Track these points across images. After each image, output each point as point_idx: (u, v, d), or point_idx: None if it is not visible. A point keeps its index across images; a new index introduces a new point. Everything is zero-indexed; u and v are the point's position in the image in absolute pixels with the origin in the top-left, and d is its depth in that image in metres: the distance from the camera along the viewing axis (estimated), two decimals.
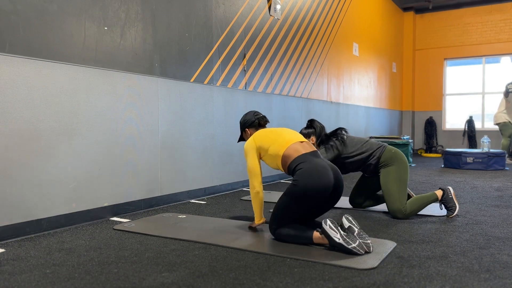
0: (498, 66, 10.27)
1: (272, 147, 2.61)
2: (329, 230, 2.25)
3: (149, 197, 3.59)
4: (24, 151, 2.66)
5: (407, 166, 3.22)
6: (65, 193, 2.92)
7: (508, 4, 9.96)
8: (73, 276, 1.96)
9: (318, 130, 3.36)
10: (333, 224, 2.26)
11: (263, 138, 2.68)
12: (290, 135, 2.66)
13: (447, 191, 3.18)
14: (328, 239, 2.27)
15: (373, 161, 3.23)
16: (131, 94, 3.40)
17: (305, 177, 2.39)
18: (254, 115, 2.91)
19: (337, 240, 2.22)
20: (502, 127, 7.91)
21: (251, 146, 2.69)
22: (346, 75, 7.56)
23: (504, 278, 1.93)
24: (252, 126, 2.90)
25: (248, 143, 2.72)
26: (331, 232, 2.24)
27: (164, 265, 2.11)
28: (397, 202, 3.13)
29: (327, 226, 2.26)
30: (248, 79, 4.88)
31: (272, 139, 2.64)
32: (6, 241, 2.56)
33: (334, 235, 2.23)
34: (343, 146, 3.27)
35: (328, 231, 2.25)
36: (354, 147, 3.27)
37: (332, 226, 2.25)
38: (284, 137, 2.63)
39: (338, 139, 3.29)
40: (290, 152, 2.55)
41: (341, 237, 2.22)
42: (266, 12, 5.18)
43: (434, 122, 10.73)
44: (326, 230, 2.26)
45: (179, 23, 3.89)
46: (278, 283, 1.87)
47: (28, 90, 2.68)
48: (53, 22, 2.83)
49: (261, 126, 2.93)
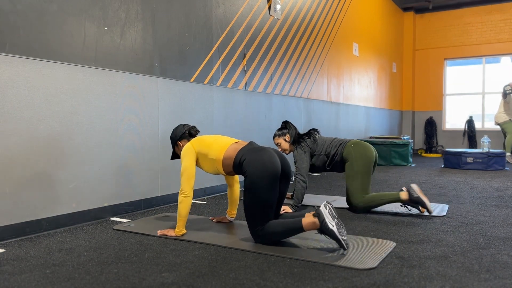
0: (498, 66, 10.28)
1: (211, 152, 2.60)
2: (326, 214, 2.21)
3: (149, 197, 3.59)
4: (24, 151, 2.66)
5: (366, 159, 3.33)
6: (65, 193, 2.92)
7: (508, 4, 9.96)
8: (73, 276, 1.96)
9: (292, 131, 3.59)
10: (333, 210, 2.25)
11: (201, 143, 2.66)
12: (225, 139, 2.67)
13: (410, 191, 3.19)
14: (321, 223, 2.21)
15: (338, 158, 3.44)
16: (131, 94, 3.40)
17: (252, 162, 2.40)
18: (184, 127, 2.87)
19: (331, 226, 2.19)
20: (504, 125, 7.93)
21: (190, 150, 2.64)
22: (346, 75, 7.57)
23: (504, 278, 1.93)
24: (184, 137, 2.84)
25: (186, 147, 2.66)
26: (328, 217, 2.21)
27: (164, 265, 2.11)
28: (352, 197, 3.34)
29: (326, 210, 2.22)
30: (248, 79, 4.88)
31: (209, 143, 2.64)
32: (6, 241, 2.56)
33: (329, 221, 2.20)
34: (314, 144, 3.51)
35: (324, 214, 2.21)
36: (323, 146, 3.50)
37: (332, 211, 2.24)
38: (220, 142, 2.64)
39: (310, 138, 3.54)
40: (230, 153, 2.56)
41: (336, 225, 2.20)
42: (266, 12, 5.18)
43: (434, 122, 10.73)
44: (323, 213, 2.22)
45: (179, 23, 3.89)
46: (278, 283, 1.87)
47: (28, 90, 2.68)
48: (53, 22, 2.83)
49: (193, 137, 2.86)
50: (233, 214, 3.01)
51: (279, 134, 3.62)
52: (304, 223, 2.28)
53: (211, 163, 2.61)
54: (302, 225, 2.29)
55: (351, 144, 3.41)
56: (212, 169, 2.64)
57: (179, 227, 2.61)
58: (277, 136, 3.63)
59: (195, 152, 2.64)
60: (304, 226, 2.29)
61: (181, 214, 2.58)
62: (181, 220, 2.60)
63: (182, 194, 2.57)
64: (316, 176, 5.97)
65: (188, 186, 2.58)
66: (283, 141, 3.60)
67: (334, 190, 4.57)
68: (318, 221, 2.23)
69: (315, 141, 3.52)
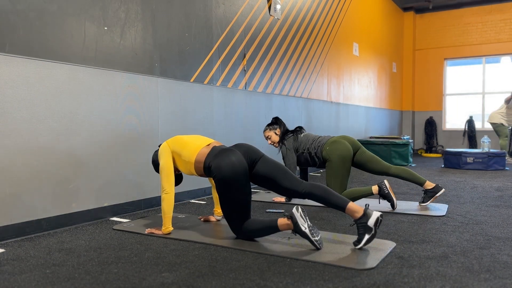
0: (498, 66, 10.28)
1: (184, 153, 2.64)
2: (298, 217, 2.31)
3: (149, 197, 3.59)
4: (24, 151, 2.66)
5: (342, 158, 3.49)
6: (65, 193, 2.92)
7: (508, 4, 9.96)
8: (73, 276, 1.96)
9: (282, 126, 3.82)
10: (304, 213, 2.33)
11: (176, 143, 2.70)
12: (199, 141, 2.69)
13: (382, 186, 3.38)
14: (294, 225, 2.31)
15: (318, 154, 3.61)
16: (131, 94, 3.40)
17: (217, 167, 2.43)
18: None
19: (303, 228, 2.29)
20: (497, 128, 7.90)
21: (165, 149, 2.70)
22: (346, 75, 7.57)
23: (504, 278, 1.93)
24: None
25: (162, 146, 2.72)
26: (300, 220, 2.30)
27: (164, 265, 2.11)
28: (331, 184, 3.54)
29: (298, 214, 2.31)
30: (248, 79, 4.88)
31: (184, 144, 2.67)
32: (6, 241, 2.56)
33: (302, 223, 2.30)
34: (295, 142, 3.69)
35: (297, 218, 2.31)
36: (306, 143, 3.67)
37: (303, 214, 2.32)
38: (193, 144, 2.66)
39: (294, 135, 3.73)
40: (200, 157, 2.59)
41: (308, 227, 2.30)
42: (266, 12, 5.18)
43: (434, 122, 10.73)
44: (295, 216, 2.31)
45: (179, 23, 3.89)
46: (278, 283, 1.87)
47: (28, 90, 2.68)
48: (53, 22, 2.83)
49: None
50: (220, 213, 3.07)
51: (270, 128, 3.82)
52: (279, 223, 2.38)
53: (185, 164, 2.66)
54: (277, 224, 2.39)
55: (327, 145, 3.57)
56: (187, 171, 2.68)
57: (165, 224, 2.66)
58: (268, 130, 3.83)
59: (170, 150, 2.70)
60: (279, 226, 2.38)
61: (165, 211, 2.63)
62: (166, 217, 2.65)
63: (163, 192, 2.63)
64: (316, 176, 5.97)
65: (168, 183, 2.63)
66: (273, 134, 3.80)
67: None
68: (292, 223, 2.33)
69: (296, 140, 3.71)
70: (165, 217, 2.64)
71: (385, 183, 3.37)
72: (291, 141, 3.69)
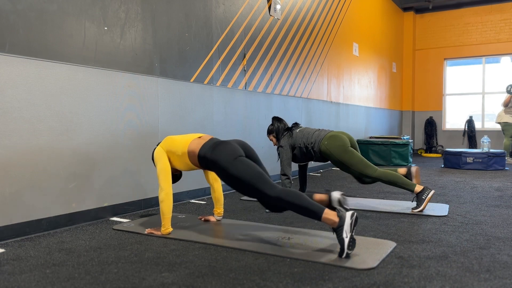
0: (498, 66, 10.28)
1: (176, 148, 2.70)
2: (347, 224, 2.17)
3: (149, 197, 3.59)
4: (24, 151, 2.66)
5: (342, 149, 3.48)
6: (65, 193, 2.92)
7: (508, 4, 9.96)
8: (73, 276, 1.96)
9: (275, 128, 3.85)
10: (355, 223, 2.21)
11: (168, 142, 2.76)
12: (190, 135, 2.78)
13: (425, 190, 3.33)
14: (337, 228, 2.18)
15: (316, 148, 3.61)
16: (131, 94, 3.40)
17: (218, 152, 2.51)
18: None
19: (344, 236, 2.16)
20: (505, 127, 7.87)
21: (160, 152, 2.74)
22: (346, 75, 7.56)
23: (504, 278, 1.93)
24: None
25: (157, 150, 2.76)
26: (347, 227, 2.17)
27: (164, 265, 2.11)
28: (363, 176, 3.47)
29: (349, 221, 2.18)
30: (248, 79, 4.88)
31: (175, 140, 2.74)
32: (6, 241, 2.56)
33: (346, 230, 2.17)
34: (291, 138, 3.73)
35: (345, 223, 2.17)
36: (302, 138, 3.68)
37: (353, 224, 2.19)
38: (184, 138, 2.76)
39: (288, 132, 3.77)
40: (192, 147, 2.66)
41: (349, 238, 2.17)
42: (266, 12, 5.18)
43: (434, 122, 10.73)
44: (344, 221, 2.17)
45: (179, 23, 3.89)
46: (278, 283, 1.87)
47: (28, 90, 2.68)
48: (53, 22, 2.83)
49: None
50: (220, 213, 3.06)
51: (268, 133, 3.90)
52: (325, 215, 2.22)
53: (179, 159, 2.71)
54: (322, 215, 2.23)
55: (325, 140, 3.57)
56: (183, 165, 2.73)
57: (165, 225, 2.66)
58: (267, 134, 3.93)
59: (165, 152, 2.74)
60: (324, 217, 2.23)
61: (164, 212, 2.64)
62: (165, 218, 2.66)
63: (162, 193, 2.64)
64: (317, 176, 5.97)
65: (166, 183, 2.65)
66: (273, 138, 3.89)
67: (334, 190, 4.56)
68: (337, 224, 2.19)
69: (291, 136, 3.74)
70: (164, 218, 2.65)
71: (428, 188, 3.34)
72: (286, 139, 3.74)
